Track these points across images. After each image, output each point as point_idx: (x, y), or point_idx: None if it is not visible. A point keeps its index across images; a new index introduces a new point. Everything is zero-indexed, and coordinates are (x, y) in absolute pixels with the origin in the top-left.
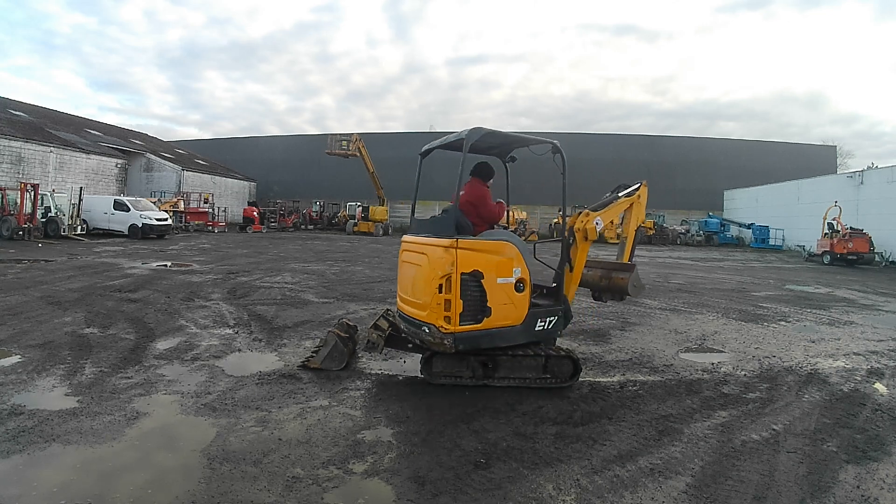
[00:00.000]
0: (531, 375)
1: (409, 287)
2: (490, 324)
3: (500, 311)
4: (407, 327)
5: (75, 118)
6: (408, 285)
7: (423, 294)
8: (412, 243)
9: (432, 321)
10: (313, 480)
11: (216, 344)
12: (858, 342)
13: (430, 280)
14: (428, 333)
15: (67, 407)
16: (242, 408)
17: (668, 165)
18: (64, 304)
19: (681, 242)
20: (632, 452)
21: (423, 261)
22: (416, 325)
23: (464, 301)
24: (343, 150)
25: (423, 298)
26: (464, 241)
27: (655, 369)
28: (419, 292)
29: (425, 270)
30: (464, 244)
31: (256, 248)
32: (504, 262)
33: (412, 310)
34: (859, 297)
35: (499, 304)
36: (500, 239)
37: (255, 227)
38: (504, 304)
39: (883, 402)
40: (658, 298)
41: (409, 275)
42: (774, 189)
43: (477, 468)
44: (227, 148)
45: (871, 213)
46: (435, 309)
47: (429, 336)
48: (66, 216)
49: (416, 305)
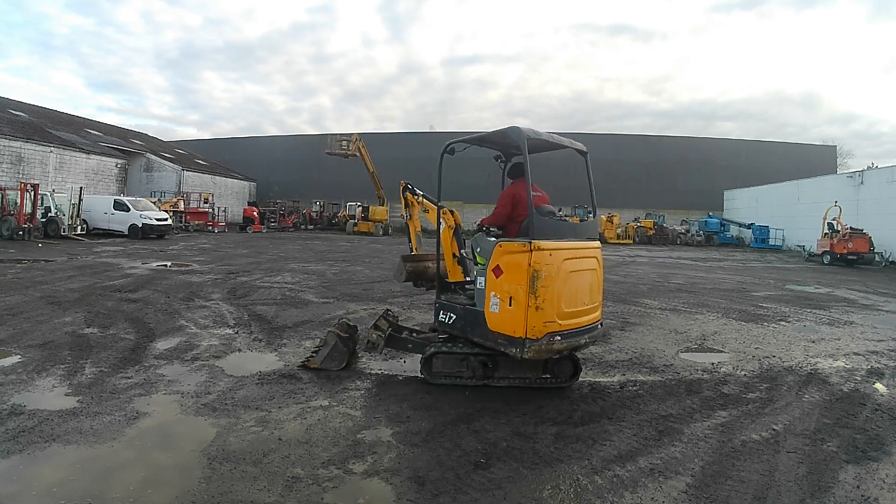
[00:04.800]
0: (531, 375)
1: (584, 296)
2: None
3: None
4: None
5: (75, 118)
6: (583, 294)
7: (597, 296)
8: (580, 249)
9: (601, 316)
10: (313, 480)
11: (216, 344)
12: (858, 342)
13: (601, 281)
14: (602, 328)
15: (67, 407)
16: (242, 408)
17: (668, 165)
18: (64, 304)
19: (681, 242)
20: (632, 452)
21: (595, 264)
22: (592, 330)
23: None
24: (343, 150)
25: (597, 300)
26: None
27: (655, 369)
28: (596, 296)
29: (599, 273)
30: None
31: (256, 248)
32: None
33: (588, 318)
34: (859, 297)
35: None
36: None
37: (255, 227)
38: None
39: (883, 402)
40: (658, 298)
41: (584, 282)
42: (774, 189)
43: (477, 468)
44: (226, 148)
45: (871, 213)
46: (601, 304)
47: (602, 329)
48: (66, 216)
49: (592, 311)
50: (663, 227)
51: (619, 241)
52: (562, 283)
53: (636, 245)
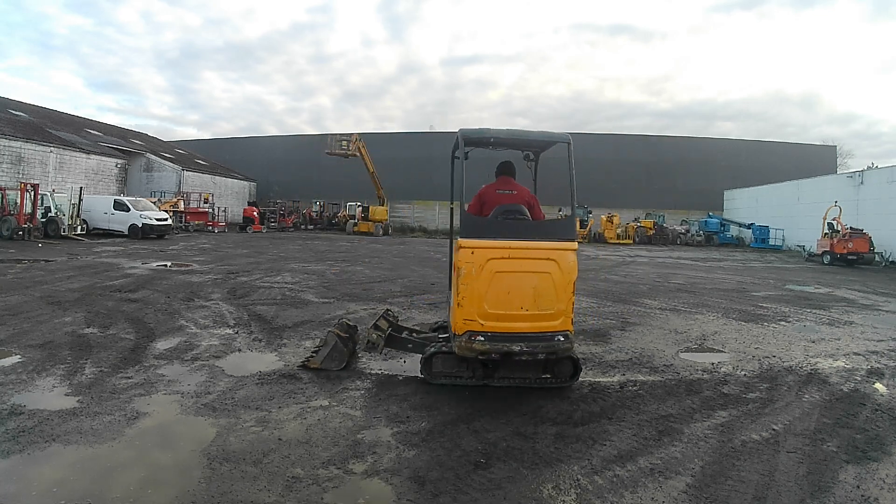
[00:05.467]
0: (531, 375)
1: (524, 300)
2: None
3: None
4: (524, 346)
5: (75, 118)
6: (522, 298)
7: (554, 302)
8: (519, 249)
9: (567, 327)
10: (313, 480)
11: (216, 344)
12: (858, 342)
13: (564, 286)
14: (564, 341)
15: (67, 407)
16: (242, 408)
17: (668, 165)
18: (64, 304)
19: (681, 242)
20: (632, 452)
21: (551, 267)
22: (543, 339)
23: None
24: (343, 151)
25: (555, 307)
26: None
27: (655, 369)
28: (549, 302)
29: (557, 277)
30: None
31: (256, 248)
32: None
33: (532, 324)
34: (859, 297)
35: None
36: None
37: (255, 227)
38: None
39: (883, 402)
40: (658, 298)
41: (524, 285)
42: (774, 189)
43: (477, 468)
44: (227, 148)
45: (871, 213)
46: (568, 315)
47: (565, 343)
48: (66, 216)
49: (542, 318)
50: (663, 227)
51: (619, 241)
52: (484, 283)
53: (636, 245)
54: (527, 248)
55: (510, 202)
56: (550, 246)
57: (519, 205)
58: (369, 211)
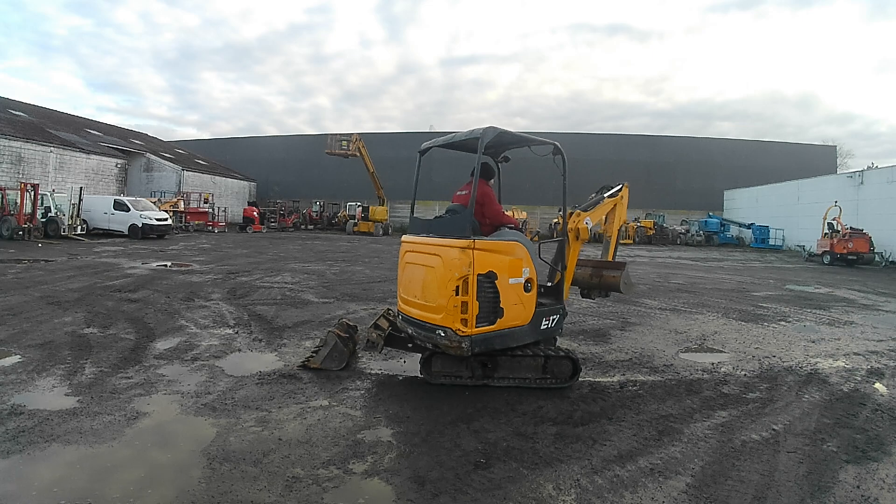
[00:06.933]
0: (531, 375)
1: (416, 289)
2: (503, 324)
3: (511, 312)
4: (416, 331)
5: (75, 118)
6: (415, 287)
7: (436, 297)
8: (418, 244)
9: (448, 324)
10: (313, 480)
11: (216, 344)
12: (858, 342)
13: (445, 282)
14: (444, 337)
15: (67, 407)
16: (242, 408)
17: (668, 165)
18: (64, 304)
19: (681, 242)
20: (632, 452)
21: (435, 262)
22: (427, 329)
23: (479, 303)
24: (343, 150)
25: (436, 301)
26: (480, 241)
27: (655, 369)
28: (432, 295)
29: (440, 272)
30: (480, 245)
31: (256, 248)
32: (515, 263)
33: (421, 312)
34: (859, 297)
35: (510, 304)
36: (512, 239)
37: (255, 227)
38: (514, 305)
39: (883, 402)
40: (658, 298)
41: (416, 276)
42: (774, 189)
43: (477, 468)
44: (226, 148)
45: (871, 213)
46: (451, 312)
47: (445, 340)
48: (66, 216)
49: (428, 308)
50: (663, 227)
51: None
52: (400, 271)
53: (636, 245)
54: (423, 243)
55: (456, 201)
56: (437, 242)
57: (459, 203)
58: (369, 211)
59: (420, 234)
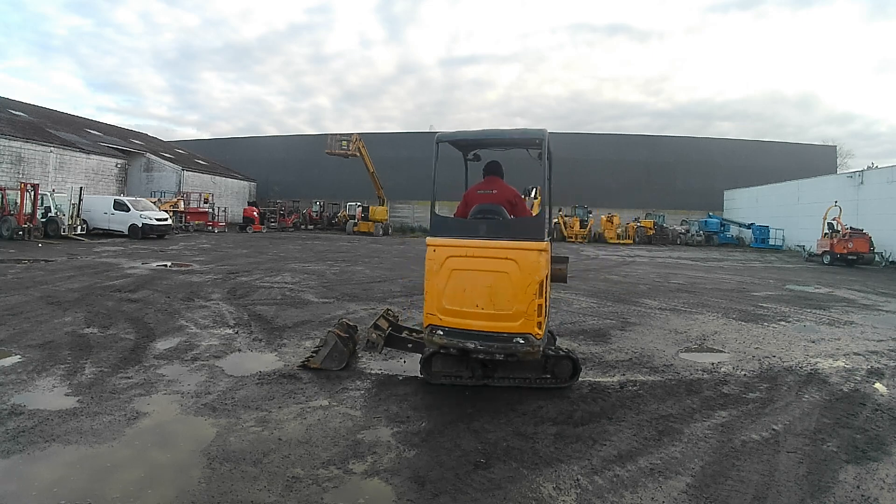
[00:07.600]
0: (531, 375)
1: (480, 298)
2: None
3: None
4: (480, 344)
5: (75, 118)
6: (477, 296)
7: (513, 303)
8: (475, 248)
9: (528, 330)
10: (313, 480)
11: (216, 344)
12: (858, 342)
13: (524, 287)
14: (524, 344)
15: (67, 407)
16: (242, 408)
17: (668, 165)
18: (64, 304)
19: (681, 242)
20: (632, 452)
21: (510, 267)
22: (500, 340)
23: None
24: (343, 150)
25: (513, 308)
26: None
27: (655, 369)
28: (506, 302)
29: (516, 277)
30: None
31: (256, 248)
32: (549, 264)
33: (488, 323)
34: (859, 297)
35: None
36: (549, 239)
37: (255, 227)
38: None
39: (883, 402)
40: (658, 298)
41: (479, 284)
42: (774, 189)
43: (477, 468)
44: (226, 148)
45: (871, 213)
46: (531, 317)
47: (525, 347)
48: (66, 216)
49: (499, 318)
50: (663, 227)
51: (620, 242)
52: (443, 280)
53: (636, 245)
54: (485, 247)
55: (488, 202)
56: (510, 245)
57: (496, 205)
58: (369, 211)
59: (461, 237)
